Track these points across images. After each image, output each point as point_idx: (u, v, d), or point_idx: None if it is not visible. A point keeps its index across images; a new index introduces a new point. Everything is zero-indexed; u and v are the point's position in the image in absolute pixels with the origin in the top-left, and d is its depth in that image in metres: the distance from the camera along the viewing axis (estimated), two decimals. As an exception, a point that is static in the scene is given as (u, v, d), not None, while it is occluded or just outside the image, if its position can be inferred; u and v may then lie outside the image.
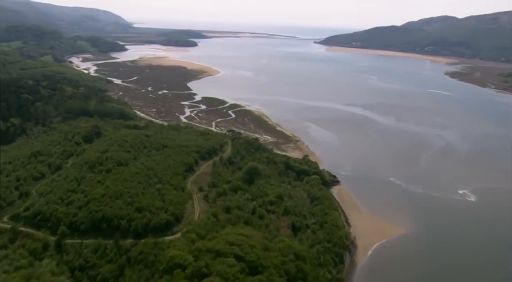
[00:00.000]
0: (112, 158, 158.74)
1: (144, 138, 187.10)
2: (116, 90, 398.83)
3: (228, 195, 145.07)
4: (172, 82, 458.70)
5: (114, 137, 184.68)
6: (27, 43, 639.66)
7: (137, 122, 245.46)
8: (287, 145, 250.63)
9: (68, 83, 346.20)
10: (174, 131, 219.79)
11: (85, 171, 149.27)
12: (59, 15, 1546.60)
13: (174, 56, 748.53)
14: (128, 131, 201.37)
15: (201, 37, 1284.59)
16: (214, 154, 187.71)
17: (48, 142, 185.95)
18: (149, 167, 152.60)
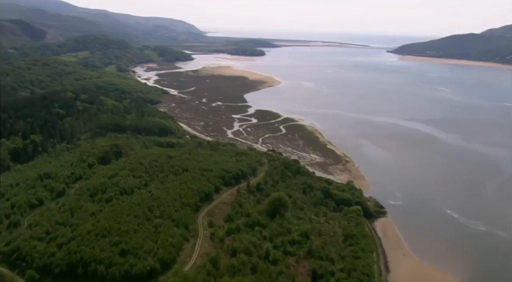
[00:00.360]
0: (117, 184, 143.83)
1: (165, 160, 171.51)
2: (170, 101, 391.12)
3: (242, 232, 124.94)
4: (229, 93, 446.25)
5: (131, 159, 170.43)
6: (94, 53, 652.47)
7: (173, 139, 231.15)
8: (334, 166, 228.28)
9: (118, 95, 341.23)
10: (207, 151, 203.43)
11: (84, 199, 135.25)
12: (135, 25, 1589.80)
13: (238, 65, 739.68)
14: (152, 151, 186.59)
15: (270, 46, 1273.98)
16: (244, 178, 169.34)
17: (63, 162, 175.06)
18: (156, 196, 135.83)
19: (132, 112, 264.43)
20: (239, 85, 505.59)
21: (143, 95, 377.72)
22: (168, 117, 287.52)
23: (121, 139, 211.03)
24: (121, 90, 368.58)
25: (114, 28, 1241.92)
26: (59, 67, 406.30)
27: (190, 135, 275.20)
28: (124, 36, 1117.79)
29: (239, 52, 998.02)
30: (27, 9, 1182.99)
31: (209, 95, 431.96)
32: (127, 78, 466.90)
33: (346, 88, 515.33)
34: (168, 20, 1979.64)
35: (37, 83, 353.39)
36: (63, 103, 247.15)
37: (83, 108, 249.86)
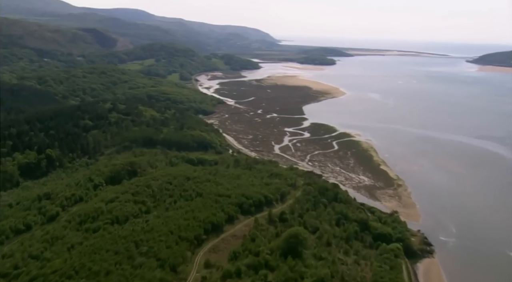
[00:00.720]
0: (111, 211, 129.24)
1: (181, 182, 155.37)
2: (224, 112, 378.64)
3: (243, 276, 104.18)
4: (287, 104, 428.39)
5: (141, 181, 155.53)
6: (159, 61, 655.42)
7: (208, 155, 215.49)
8: (383, 191, 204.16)
9: (168, 105, 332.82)
10: (237, 171, 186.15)
11: (72, 228, 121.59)
12: (209, 33, 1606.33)
13: (305, 75, 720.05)
14: (170, 171, 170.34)
15: (342, 55, 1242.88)
16: (268, 205, 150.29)
17: (72, 180, 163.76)
18: (150, 227, 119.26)
19: (170, 125, 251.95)
20: (300, 96, 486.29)
21: (196, 105, 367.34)
22: (212, 130, 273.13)
23: (147, 155, 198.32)
24: (172, 100, 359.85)
25: (187, 36, 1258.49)
26: (116, 76, 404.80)
27: (234, 150, 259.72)
28: (196, 44, 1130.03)
29: (309, 61, 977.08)
30: (105, 18, 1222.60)
31: (266, 106, 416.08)
32: (185, 87, 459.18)
33: (414, 101, 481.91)
34: (242, 28, 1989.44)
35: (89, 91, 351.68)
36: (95, 114, 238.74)
37: (116, 120, 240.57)
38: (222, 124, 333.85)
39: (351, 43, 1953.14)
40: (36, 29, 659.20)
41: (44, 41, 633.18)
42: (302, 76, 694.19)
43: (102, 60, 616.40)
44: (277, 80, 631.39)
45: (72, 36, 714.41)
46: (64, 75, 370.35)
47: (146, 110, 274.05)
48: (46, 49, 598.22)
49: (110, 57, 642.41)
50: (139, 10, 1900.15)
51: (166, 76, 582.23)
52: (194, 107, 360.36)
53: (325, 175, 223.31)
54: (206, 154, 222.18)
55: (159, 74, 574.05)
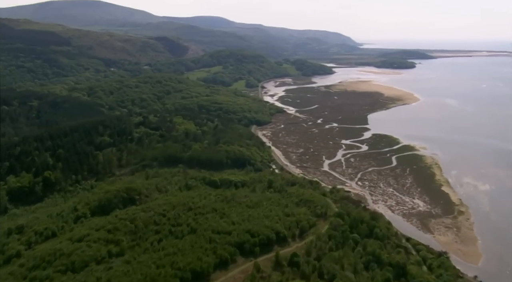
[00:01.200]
0: (71, 254, 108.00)
1: (178, 213, 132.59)
2: (281, 121, 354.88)
3: None
4: (351, 112, 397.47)
5: (127, 213, 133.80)
6: (227, 68, 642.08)
7: (240, 174, 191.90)
8: (439, 220, 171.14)
9: (219, 115, 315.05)
10: (265, 194, 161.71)
11: (18, 276, 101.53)
12: (287, 38, 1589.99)
13: (379, 80, 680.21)
14: (173, 199, 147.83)
15: (424, 58, 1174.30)
16: (281, 244, 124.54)
17: (55, 209, 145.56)
18: (106, 279, 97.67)
19: (205, 140, 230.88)
20: (368, 103, 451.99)
21: (250, 115, 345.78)
22: (256, 144, 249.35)
23: (162, 176, 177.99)
24: (224, 110, 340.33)
25: (264, 41, 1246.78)
26: (171, 85, 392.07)
27: (278, 166, 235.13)
28: (272, 49, 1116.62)
29: (386, 65, 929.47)
30: (182, 26, 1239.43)
31: (328, 114, 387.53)
32: (244, 95, 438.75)
33: (496, 107, 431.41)
34: (322, 33, 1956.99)
35: (139, 102, 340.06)
36: (118, 129, 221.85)
37: (140, 135, 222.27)
38: (274, 135, 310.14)
39: (437, 45, 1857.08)
40: (107, 39, 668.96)
41: (113, 51, 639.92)
42: (376, 81, 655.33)
43: (169, 68, 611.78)
44: (347, 86, 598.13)
45: (142, 45, 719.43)
46: (116, 85, 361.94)
47: (182, 123, 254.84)
48: (114, 59, 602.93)
49: (177, 65, 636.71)
50: (219, 18, 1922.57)
51: (231, 84, 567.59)
52: (248, 118, 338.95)
53: (373, 198, 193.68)
54: (239, 172, 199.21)
55: (224, 82, 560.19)
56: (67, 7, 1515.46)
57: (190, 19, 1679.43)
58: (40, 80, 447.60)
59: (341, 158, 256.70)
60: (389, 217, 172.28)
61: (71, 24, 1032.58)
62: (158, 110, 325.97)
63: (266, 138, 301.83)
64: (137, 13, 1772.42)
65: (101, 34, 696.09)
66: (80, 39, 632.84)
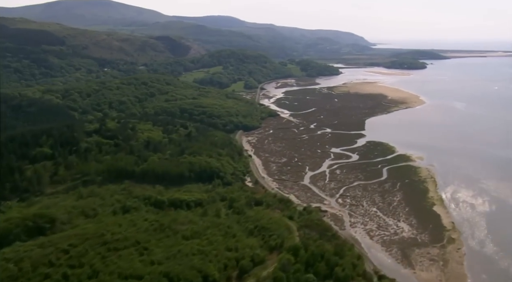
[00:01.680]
0: None
1: (87, 247, 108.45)
2: (270, 127, 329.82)
3: None
4: (349, 116, 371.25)
5: (28, 248, 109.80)
6: (227, 68, 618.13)
7: (193, 192, 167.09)
8: (424, 251, 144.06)
9: (201, 119, 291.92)
10: (216, 219, 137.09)
11: None
12: (298, 38, 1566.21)
13: (386, 81, 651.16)
14: (89, 229, 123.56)
15: (437, 58, 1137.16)
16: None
17: None
18: None
19: (168, 150, 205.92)
20: (369, 106, 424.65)
21: (237, 119, 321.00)
22: (230, 154, 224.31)
23: (102, 194, 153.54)
24: (208, 114, 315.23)
25: (273, 41, 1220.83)
26: (157, 87, 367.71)
27: (253, 179, 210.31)
28: (280, 49, 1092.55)
29: (396, 66, 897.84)
30: (189, 26, 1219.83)
31: (324, 119, 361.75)
32: (237, 98, 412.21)
33: (508, 111, 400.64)
34: (334, 32, 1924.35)
35: (117, 105, 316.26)
36: (63, 139, 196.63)
37: (90, 145, 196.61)
38: (259, 142, 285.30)
39: (450, 45, 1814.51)
40: (104, 39, 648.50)
41: (110, 50, 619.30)
42: (382, 83, 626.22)
43: (166, 68, 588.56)
44: (351, 87, 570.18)
45: (141, 44, 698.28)
46: (96, 87, 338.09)
47: (147, 130, 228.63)
48: (110, 58, 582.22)
49: (175, 66, 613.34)
50: (230, 17, 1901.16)
51: (229, 85, 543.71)
52: (234, 122, 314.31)
53: (351, 220, 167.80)
54: (200, 188, 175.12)
55: (221, 83, 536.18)
56: (76, 6, 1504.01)
57: (200, 18, 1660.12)
58: (27, 81, 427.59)
59: (326, 169, 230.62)
60: (366, 245, 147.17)
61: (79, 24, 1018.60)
62: (136, 114, 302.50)
63: (250, 146, 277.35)
64: (147, 12, 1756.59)
65: (98, 33, 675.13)
66: (75, 38, 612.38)
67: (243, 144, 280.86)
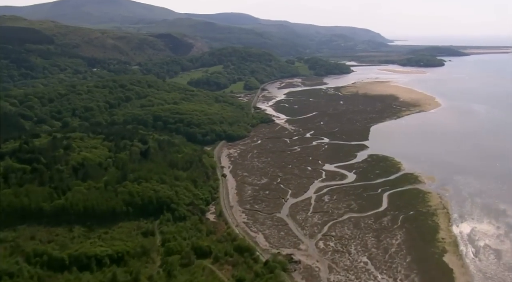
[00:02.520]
0: None
1: None
2: (259, 136, 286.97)
3: None
4: (353, 122, 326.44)
5: None
6: (227, 67, 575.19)
7: (99, 245, 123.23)
8: None
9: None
10: None
11: None
12: (312, 35, 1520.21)
13: (400, 80, 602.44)
14: None
15: (455, 55, 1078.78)
16: None
17: None
18: None
19: (106, 175, 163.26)
20: (377, 109, 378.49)
21: (222, 128, 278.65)
22: (193, 177, 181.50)
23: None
24: (186, 122, 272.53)
25: (285, 38, 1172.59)
26: (135, 90, 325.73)
27: (217, 210, 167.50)
28: (292, 47, 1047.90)
29: (412, 63, 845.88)
30: (197, 23, 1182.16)
31: (323, 125, 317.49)
32: (227, 101, 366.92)
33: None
34: (350, 29, 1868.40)
35: (82, 112, 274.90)
36: None
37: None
38: (241, 157, 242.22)
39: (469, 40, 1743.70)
40: (98, 37, 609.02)
41: (103, 49, 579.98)
42: (395, 82, 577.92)
43: (161, 68, 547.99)
44: (360, 87, 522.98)
45: (138, 42, 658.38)
46: (62, 91, 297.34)
47: (87, 148, 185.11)
48: (101, 58, 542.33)
49: (172, 65, 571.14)
50: (243, 14, 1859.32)
51: (228, 86, 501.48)
52: (217, 132, 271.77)
53: (330, 277, 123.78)
54: (134, 229, 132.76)
55: (219, 84, 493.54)
56: (84, 4, 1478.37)
57: (212, 16, 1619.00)
58: (4, 83, 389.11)
59: (312, 194, 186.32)
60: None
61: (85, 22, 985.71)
62: (101, 123, 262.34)
63: (228, 161, 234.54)
64: (157, 9, 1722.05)
65: (92, 31, 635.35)
66: (66, 36, 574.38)
67: (221, 158, 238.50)
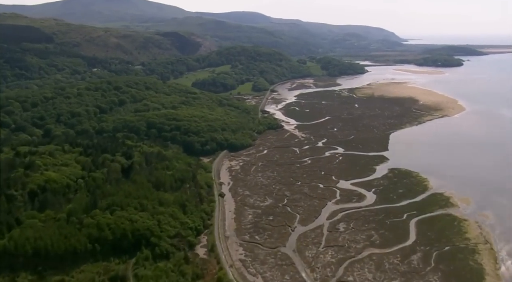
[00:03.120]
0: None
1: None
2: (265, 145, 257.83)
3: None
4: (370, 129, 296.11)
5: None
6: (236, 67, 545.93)
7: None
8: None
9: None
10: None
11: None
12: (325, 34, 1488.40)
13: (417, 81, 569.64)
14: None
15: (473, 54, 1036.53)
16: None
17: None
18: None
19: (70, 203, 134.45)
20: (396, 114, 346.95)
21: (224, 136, 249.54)
22: (183, 201, 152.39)
23: None
24: (183, 129, 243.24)
25: (297, 37, 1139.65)
26: (131, 92, 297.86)
27: (210, 242, 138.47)
28: (304, 46, 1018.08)
29: (428, 63, 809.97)
30: (207, 21, 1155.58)
31: (337, 132, 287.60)
32: (232, 105, 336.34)
33: None
34: (364, 28, 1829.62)
35: (67, 118, 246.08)
36: None
37: None
38: (243, 170, 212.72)
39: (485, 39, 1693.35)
40: (100, 35, 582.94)
41: (105, 48, 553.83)
42: (412, 83, 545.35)
43: (165, 68, 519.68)
44: (376, 89, 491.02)
45: (143, 41, 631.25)
46: (49, 94, 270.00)
47: (55, 166, 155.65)
48: (103, 57, 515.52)
49: (177, 65, 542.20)
50: (255, 13, 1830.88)
51: (235, 87, 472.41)
52: (218, 140, 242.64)
53: None
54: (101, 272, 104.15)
55: (226, 85, 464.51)
56: (94, 2, 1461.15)
57: (223, 14, 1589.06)
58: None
59: (324, 221, 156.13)
60: None
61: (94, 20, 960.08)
62: (88, 131, 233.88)
63: (229, 176, 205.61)
64: (167, 8, 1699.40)
65: (95, 29, 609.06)
66: (66, 35, 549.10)
67: (221, 172, 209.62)
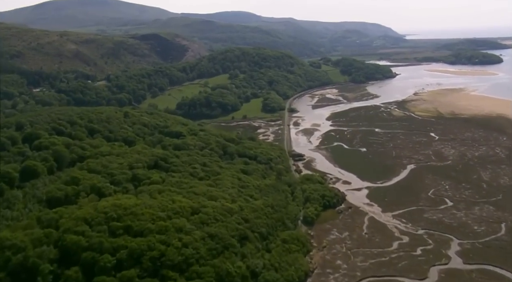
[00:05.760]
0: None
1: None
2: (343, 269, 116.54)
3: None
4: (495, 194, 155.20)
5: None
6: (235, 77, 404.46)
7: None
8: None
9: None
10: None
11: None
12: (322, 32, 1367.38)
13: (474, 85, 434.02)
14: None
15: (496, 48, 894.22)
16: None
17: None
18: None
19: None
20: (505, 153, 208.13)
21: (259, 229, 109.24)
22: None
23: None
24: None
25: (294, 36, 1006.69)
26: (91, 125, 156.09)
27: None
28: (304, 46, 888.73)
29: (462, 60, 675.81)
30: (194, 22, 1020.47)
31: (452, 211, 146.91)
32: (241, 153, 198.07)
33: None
34: (361, 24, 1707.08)
35: None
36: None
37: None
38: None
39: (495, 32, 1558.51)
40: (54, 41, 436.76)
41: (59, 58, 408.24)
42: (471, 90, 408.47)
43: (140, 82, 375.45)
44: (434, 102, 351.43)
45: (113, 47, 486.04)
46: None
47: None
48: (52, 71, 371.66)
49: (156, 77, 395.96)
50: (245, 12, 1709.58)
51: (238, 107, 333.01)
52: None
53: None
54: None
55: (224, 106, 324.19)
56: (68, 6, 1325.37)
57: (211, 15, 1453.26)
58: None
59: None
60: None
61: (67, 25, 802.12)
62: None
63: None
64: (150, 10, 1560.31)
65: (47, 33, 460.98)
66: (6, 41, 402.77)
67: None
